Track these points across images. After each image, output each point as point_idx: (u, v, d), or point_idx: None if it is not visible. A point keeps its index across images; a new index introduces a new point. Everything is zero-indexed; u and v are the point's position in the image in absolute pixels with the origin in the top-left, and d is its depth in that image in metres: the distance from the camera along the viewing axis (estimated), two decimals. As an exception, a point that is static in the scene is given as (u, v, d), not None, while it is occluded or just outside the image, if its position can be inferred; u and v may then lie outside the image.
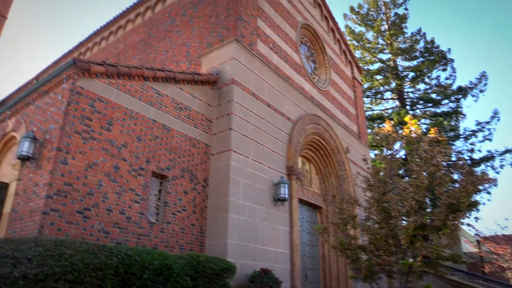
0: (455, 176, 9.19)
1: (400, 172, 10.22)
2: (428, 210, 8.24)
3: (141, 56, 14.49)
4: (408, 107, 28.50)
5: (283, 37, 13.79)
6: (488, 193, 22.54)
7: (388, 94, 30.40)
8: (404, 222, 7.79)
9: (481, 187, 7.84)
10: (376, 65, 30.32)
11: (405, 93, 29.23)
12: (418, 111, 28.54)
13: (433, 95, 28.20)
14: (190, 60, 12.18)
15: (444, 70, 28.62)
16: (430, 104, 28.09)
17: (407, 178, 17.30)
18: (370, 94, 30.02)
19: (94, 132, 7.72)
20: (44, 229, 6.65)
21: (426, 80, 28.95)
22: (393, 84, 29.36)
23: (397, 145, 9.13)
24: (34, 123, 8.20)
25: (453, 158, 19.94)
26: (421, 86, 29.34)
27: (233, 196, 9.56)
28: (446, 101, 27.59)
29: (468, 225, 7.98)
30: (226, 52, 11.01)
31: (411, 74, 29.31)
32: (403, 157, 17.04)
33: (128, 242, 7.76)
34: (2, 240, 5.89)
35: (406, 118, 9.21)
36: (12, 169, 8.36)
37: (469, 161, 24.63)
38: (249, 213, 9.91)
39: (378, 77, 29.90)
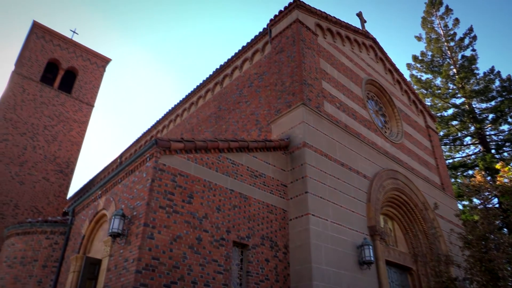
0: None
1: (497, 222, 9.21)
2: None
3: (213, 128, 15.27)
4: (493, 151, 26.34)
5: (348, 95, 13.83)
6: None
7: (468, 139, 28.54)
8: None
9: None
10: (450, 111, 28.97)
11: (487, 136, 27.23)
12: (505, 154, 26.23)
13: (521, 135, 25.93)
14: (260, 128, 12.57)
15: (528, 107, 26.47)
16: (518, 146, 25.76)
17: (505, 230, 15.55)
18: (448, 142, 28.36)
19: (176, 205, 8.04)
20: (135, 305, 6.80)
21: (510, 120, 26.87)
22: (472, 128, 27.60)
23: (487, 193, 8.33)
24: (122, 201, 8.77)
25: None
26: (505, 127, 27.27)
27: (316, 262, 9.18)
28: (537, 140, 25.17)
29: None
30: (295, 116, 11.23)
31: (491, 116, 27.44)
32: (497, 206, 15.45)
33: (214, 316, 7.65)
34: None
35: (498, 166, 8.46)
36: (104, 245, 8.85)
37: None
38: (334, 280, 9.38)
39: (454, 122, 28.37)
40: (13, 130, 23.26)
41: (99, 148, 73.87)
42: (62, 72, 27.04)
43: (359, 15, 17.82)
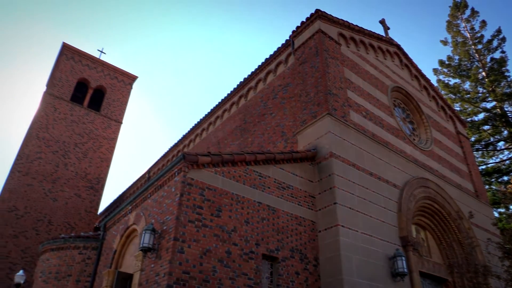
0: None
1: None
2: None
3: (239, 141, 15.33)
4: (528, 156, 25.31)
5: (375, 104, 13.64)
6: None
7: (501, 144, 27.54)
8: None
9: None
10: (481, 115, 28.09)
11: (522, 141, 26.20)
12: (542, 158, 25.15)
13: (557, 139, 24.82)
14: (286, 139, 12.54)
15: None
16: (555, 149, 24.66)
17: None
18: (480, 147, 27.43)
19: (205, 219, 8.07)
20: (167, 320, 6.82)
21: (545, 123, 25.79)
22: (505, 133, 26.63)
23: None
24: (152, 216, 8.87)
25: None
26: (540, 130, 26.15)
27: (347, 274, 8.99)
28: None
29: None
30: (321, 127, 11.15)
31: (525, 119, 26.43)
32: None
33: (245, 331, 7.57)
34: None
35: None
36: (135, 260, 8.95)
37: None
38: (367, 293, 9.14)
39: (486, 127, 27.46)
40: (45, 149, 24.10)
41: (127, 164, 75.47)
42: (91, 91, 27.92)
43: (382, 22, 17.66)
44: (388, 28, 17.46)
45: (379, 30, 26.02)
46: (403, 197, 11.81)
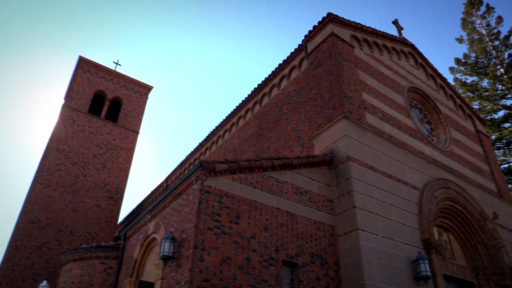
0: None
1: None
2: None
3: (255, 147, 15.33)
4: (552, 153, 24.63)
5: (391, 105, 13.49)
6: None
7: (523, 142, 26.88)
8: None
9: None
10: (501, 113, 27.53)
11: (545, 138, 25.54)
12: None
13: None
14: (302, 144, 12.49)
15: None
16: None
17: None
18: (502, 145, 26.84)
19: (224, 227, 8.08)
20: (189, 328, 6.82)
21: None
22: (527, 130, 26.01)
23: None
24: (171, 224, 8.92)
25: None
26: None
27: (369, 279, 8.85)
28: None
29: None
30: (337, 130, 11.07)
31: (547, 116, 25.79)
32: None
33: (268, 338, 7.51)
34: None
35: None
36: (156, 268, 9.00)
37: None
38: (390, 297, 8.98)
39: (506, 125, 26.87)
40: (65, 160, 24.55)
41: (145, 173, 76.27)
42: (108, 102, 28.38)
43: (395, 22, 17.51)
44: (402, 28, 17.31)
45: (393, 31, 25.80)
46: (423, 199, 11.60)
